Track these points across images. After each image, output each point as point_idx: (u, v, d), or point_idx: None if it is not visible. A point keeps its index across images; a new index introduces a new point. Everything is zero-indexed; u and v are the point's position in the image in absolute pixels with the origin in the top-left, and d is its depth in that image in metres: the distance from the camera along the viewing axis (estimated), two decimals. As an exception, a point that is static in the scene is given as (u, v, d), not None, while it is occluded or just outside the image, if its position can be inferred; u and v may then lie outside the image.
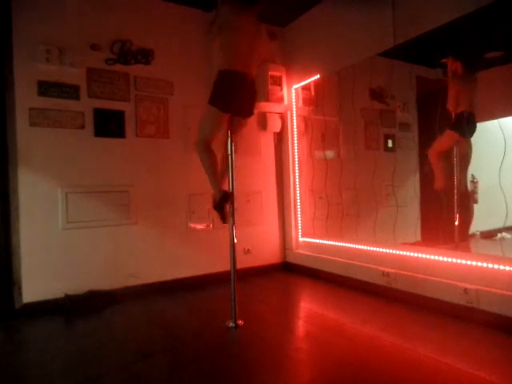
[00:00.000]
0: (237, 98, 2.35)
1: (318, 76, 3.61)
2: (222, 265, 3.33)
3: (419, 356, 1.91)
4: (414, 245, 3.04)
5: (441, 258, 2.56)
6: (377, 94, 3.88)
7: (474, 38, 2.76)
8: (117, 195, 3.13)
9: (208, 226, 3.58)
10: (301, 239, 3.90)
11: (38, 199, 2.82)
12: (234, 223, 2.43)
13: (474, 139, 3.27)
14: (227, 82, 2.32)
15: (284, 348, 2.12)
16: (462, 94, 3.22)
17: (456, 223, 3.28)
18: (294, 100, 3.93)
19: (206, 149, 2.45)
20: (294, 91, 3.92)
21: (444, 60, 3.30)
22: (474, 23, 2.48)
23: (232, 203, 2.45)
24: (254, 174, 3.88)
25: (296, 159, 3.92)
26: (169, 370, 1.86)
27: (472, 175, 3.54)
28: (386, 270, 2.88)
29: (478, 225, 3.57)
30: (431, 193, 3.44)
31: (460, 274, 2.43)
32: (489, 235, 3.55)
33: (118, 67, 3.15)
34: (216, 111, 2.33)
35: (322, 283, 3.39)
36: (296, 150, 3.92)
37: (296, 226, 3.93)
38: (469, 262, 2.40)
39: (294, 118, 3.93)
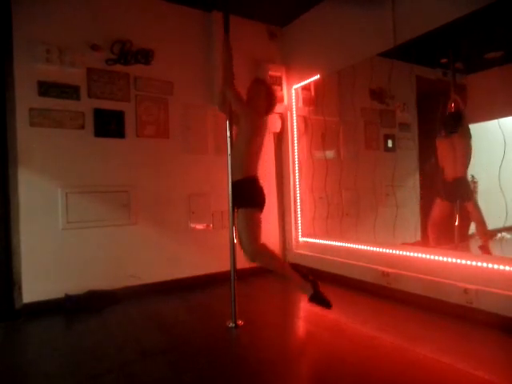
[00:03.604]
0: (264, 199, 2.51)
1: (318, 76, 3.61)
2: (222, 265, 3.32)
3: (419, 356, 1.91)
4: (413, 245, 3.04)
5: (441, 258, 2.57)
6: (377, 94, 3.87)
7: (473, 39, 2.76)
8: (117, 195, 3.13)
9: (208, 226, 3.58)
10: (301, 239, 3.90)
11: (37, 199, 2.82)
12: (233, 223, 2.43)
13: (474, 139, 3.27)
14: (260, 189, 2.45)
15: (284, 348, 2.12)
16: None
17: (456, 223, 3.28)
18: (293, 100, 3.93)
19: (263, 248, 2.43)
20: (293, 91, 3.92)
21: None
22: (473, 23, 2.48)
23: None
24: (254, 174, 3.87)
25: (296, 159, 3.92)
26: (169, 369, 1.86)
27: (472, 175, 3.54)
28: (386, 270, 2.88)
29: (477, 225, 3.56)
30: (431, 193, 3.43)
31: (460, 274, 2.43)
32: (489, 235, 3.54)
33: (118, 67, 3.15)
34: (258, 214, 2.40)
35: (322, 283, 3.37)
36: (296, 150, 3.92)
37: (296, 226, 3.93)
38: (469, 262, 2.40)
39: (294, 118, 3.93)
